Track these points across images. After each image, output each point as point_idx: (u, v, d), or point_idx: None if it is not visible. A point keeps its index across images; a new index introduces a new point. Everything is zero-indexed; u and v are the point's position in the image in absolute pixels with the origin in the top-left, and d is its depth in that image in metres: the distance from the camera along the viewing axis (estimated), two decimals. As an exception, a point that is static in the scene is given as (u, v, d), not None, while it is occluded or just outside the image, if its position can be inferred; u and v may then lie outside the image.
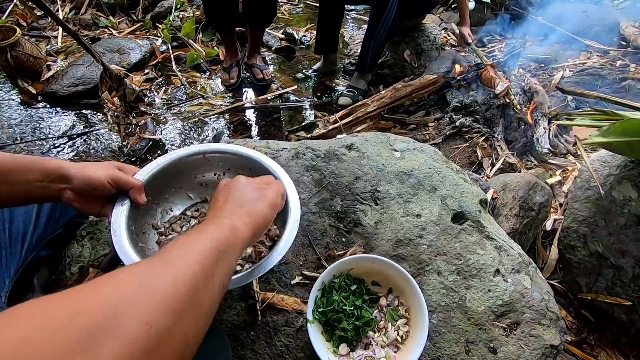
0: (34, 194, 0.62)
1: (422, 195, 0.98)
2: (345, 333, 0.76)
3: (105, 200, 0.68)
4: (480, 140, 1.82)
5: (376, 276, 0.84)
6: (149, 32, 2.57)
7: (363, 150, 1.06)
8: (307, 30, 2.83)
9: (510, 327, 0.81)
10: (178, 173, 0.82)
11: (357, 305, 0.79)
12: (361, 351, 0.76)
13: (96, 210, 0.68)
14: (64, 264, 0.95)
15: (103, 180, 0.64)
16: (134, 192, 0.68)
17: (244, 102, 2.15)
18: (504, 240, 0.92)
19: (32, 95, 2.03)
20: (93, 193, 0.65)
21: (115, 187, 0.66)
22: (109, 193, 0.67)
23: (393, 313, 0.81)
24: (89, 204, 0.66)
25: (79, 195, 0.64)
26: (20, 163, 0.60)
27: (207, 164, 0.84)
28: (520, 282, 0.85)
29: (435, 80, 2.02)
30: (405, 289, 0.81)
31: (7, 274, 0.71)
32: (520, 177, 1.33)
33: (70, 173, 0.62)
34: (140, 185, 0.69)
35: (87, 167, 0.64)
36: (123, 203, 0.68)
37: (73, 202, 0.64)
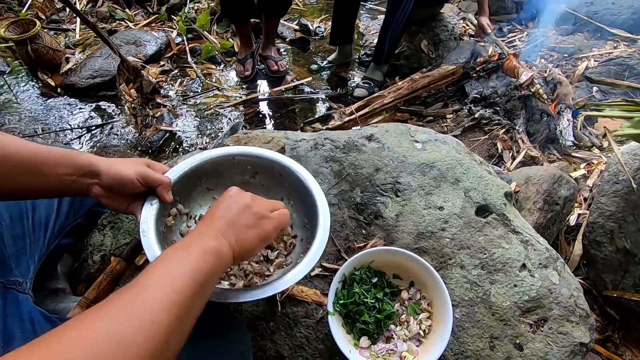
0: (63, 188, 0.61)
1: (444, 188, 0.95)
2: (366, 326, 0.75)
3: (133, 198, 0.68)
4: (500, 133, 1.77)
5: (397, 269, 0.83)
6: (164, 24, 2.57)
7: (383, 141, 1.04)
8: (321, 21, 2.79)
9: (537, 324, 0.79)
10: (205, 174, 0.81)
11: (379, 298, 0.78)
12: (383, 344, 0.75)
13: (123, 207, 0.67)
14: (86, 252, 0.96)
15: (132, 176, 0.64)
16: (161, 189, 0.68)
17: (258, 94, 2.14)
18: (530, 234, 0.89)
19: (52, 87, 2.06)
20: (121, 190, 0.64)
21: (143, 184, 0.66)
22: (137, 190, 0.66)
23: (415, 307, 0.79)
24: (117, 200, 0.66)
25: (108, 191, 0.64)
26: (52, 156, 0.60)
27: (236, 166, 0.82)
28: (548, 278, 0.82)
29: (454, 70, 1.97)
30: (428, 282, 0.79)
31: (32, 261, 0.72)
32: (544, 170, 1.29)
33: (100, 168, 0.62)
34: (168, 183, 0.68)
35: (116, 163, 0.64)
36: (152, 203, 0.68)
37: (101, 198, 0.64)
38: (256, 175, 0.84)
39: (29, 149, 0.58)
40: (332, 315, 0.75)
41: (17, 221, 0.73)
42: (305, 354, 0.78)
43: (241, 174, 0.83)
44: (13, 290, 0.63)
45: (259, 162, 0.82)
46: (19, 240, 0.71)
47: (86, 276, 0.95)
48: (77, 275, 0.96)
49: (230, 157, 0.81)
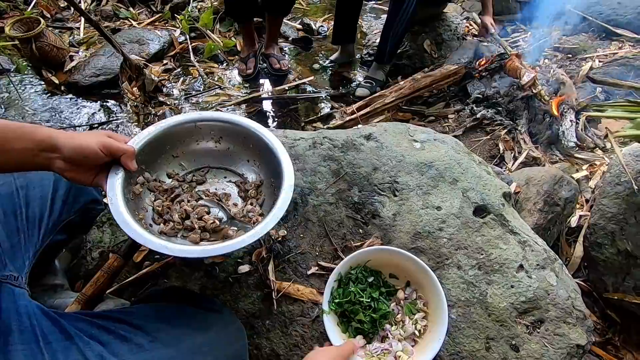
0: (24, 162, 0.61)
1: (442, 187, 0.95)
2: (361, 325, 0.75)
3: (98, 170, 0.68)
4: (502, 133, 1.76)
5: (394, 269, 0.82)
6: (167, 23, 2.58)
7: (382, 140, 1.04)
8: (324, 21, 2.79)
9: (533, 325, 0.78)
10: (170, 142, 0.82)
11: (374, 297, 0.78)
12: (378, 344, 0.75)
13: (89, 180, 0.67)
14: (85, 249, 0.97)
15: (94, 146, 0.64)
16: (125, 158, 0.68)
17: (260, 93, 2.14)
18: (528, 235, 0.89)
19: (56, 85, 2.08)
20: (85, 161, 0.64)
21: (107, 153, 0.66)
22: (101, 161, 0.66)
23: (411, 306, 0.79)
24: (81, 173, 0.65)
25: (71, 165, 0.63)
26: (8, 130, 0.59)
27: (199, 133, 0.84)
28: (545, 279, 0.82)
29: (457, 70, 1.96)
30: (424, 282, 0.79)
31: (27, 256, 0.72)
32: (545, 171, 1.28)
33: (60, 142, 0.61)
34: (132, 152, 0.69)
35: (77, 136, 0.64)
36: (117, 172, 0.69)
37: (64, 172, 0.63)
38: (221, 139, 0.85)
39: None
40: (327, 314, 0.75)
41: (11, 217, 0.73)
42: (300, 353, 0.78)
43: (206, 140, 0.85)
44: (8, 284, 0.63)
45: (222, 126, 0.83)
46: (13, 236, 0.72)
47: (84, 272, 0.95)
48: (75, 271, 0.97)
49: (193, 124, 0.82)
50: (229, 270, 0.87)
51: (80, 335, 0.59)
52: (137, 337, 0.61)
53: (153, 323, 0.65)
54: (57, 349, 0.56)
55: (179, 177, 0.84)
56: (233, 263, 0.88)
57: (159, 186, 0.80)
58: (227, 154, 0.86)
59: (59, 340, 0.58)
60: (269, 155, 0.80)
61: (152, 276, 0.92)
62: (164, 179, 0.83)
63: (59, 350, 0.56)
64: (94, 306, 0.81)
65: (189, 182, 0.84)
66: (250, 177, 0.86)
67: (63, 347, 0.57)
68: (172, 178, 0.84)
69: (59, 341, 0.58)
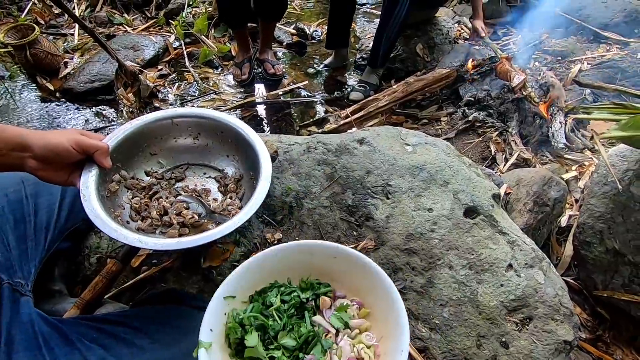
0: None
1: (434, 190, 0.97)
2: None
3: (71, 169, 0.67)
4: (493, 135, 1.80)
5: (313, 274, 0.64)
6: (162, 28, 2.60)
7: (374, 144, 1.06)
8: (318, 25, 2.82)
9: (522, 322, 0.80)
10: (147, 139, 0.82)
11: (281, 314, 0.57)
12: None
13: (63, 179, 0.67)
14: (83, 254, 0.98)
15: (66, 144, 0.63)
16: (99, 155, 0.67)
17: (255, 98, 2.16)
18: (517, 235, 0.91)
19: (51, 92, 2.09)
20: (57, 160, 0.64)
21: (79, 151, 0.65)
22: (74, 159, 0.66)
23: (340, 314, 0.58)
24: (54, 172, 0.65)
25: (43, 164, 0.63)
26: None
27: (176, 129, 0.84)
28: (534, 277, 0.84)
29: (448, 74, 1.99)
30: (363, 284, 0.59)
31: (33, 264, 0.73)
32: (535, 172, 1.31)
33: (31, 141, 0.60)
34: (105, 148, 0.68)
35: (49, 134, 0.63)
36: (91, 169, 0.69)
37: (37, 172, 0.63)
38: (199, 135, 0.86)
39: None
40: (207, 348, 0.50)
41: (20, 223, 0.75)
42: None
43: (184, 136, 0.85)
44: (17, 292, 0.65)
45: (200, 122, 0.84)
46: (22, 243, 0.73)
47: (83, 278, 0.96)
48: (73, 277, 0.98)
49: (169, 120, 0.82)
50: (226, 274, 0.88)
51: (81, 340, 0.60)
52: (138, 339, 0.62)
53: (152, 325, 0.66)
54: (60, 354, 0.58)
55: (158, 175, 0.84)
56: (230, 266, 0.89)
57: (136, 184, 0.80)
58: (206, 150, 0.87)
59: (61, 346, 0.59)
60: (247, 148, 0.80)
61: (150, 280, 0.93)
62: (142, 177, 0.83)
63: (61, 356, 0.57)
64: (93, 311, 0.82)
65: (168, 179, 0.84)
66: (230, 172, 0.86)
67: (65, 353, 0.58)
68: (150, 176, 0.83)
69: (61, 346, 0.59)
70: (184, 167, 0.87)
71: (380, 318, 0.58)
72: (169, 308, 0.73)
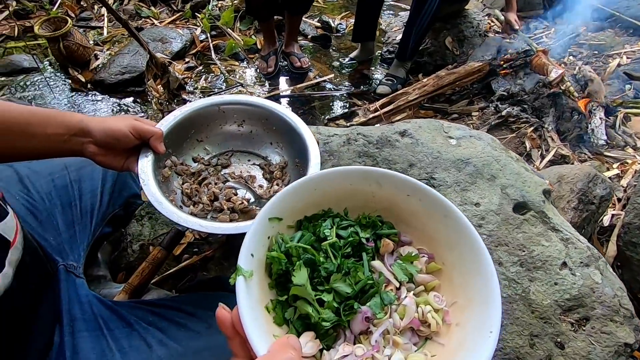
0: (54, 148, 0.61)
1: (480, 184, 0.94)
2: (314, 311, 0.41)
3: (127, 155, 0.69)
4: (528, 131, 1.74)
5: (384, 212, 0.51)
6: (188, 21, 2.61)
7: (417, 137, 1.03)
8: (342, 18, 2.79)
9: (578, 323, 0.77)
10: (195, 126, 0.82)
11: (343, 252, 0.46)
12: (347, 347, 0.40)
13: (120, 164, 0.68)
14: (126, 241, 1.00)
15: (124, 129, 0.64)
16: (154, 141, 0.68)
17: (281, 91, 2.15)
18: (570, 232, 0.88)
19: (82, 83, 2.12)
20: (116, 145, 0.65)
21: (136, 136, 0.66)
22: (131, 144, 0.67)
23: (405, 265, 0.46)
24: (112, 157, 0.66)
25: (102, 149, 0.64)
26: (38, 116, 0.59)
27: (223, 116, 0.84)
28: (590, 277, 0.81)
29: (481, 67, 1.94)
30: (441, 233, 0.46)
31: (82, 247, 0.74)
32: (579, 169, 1.26)
33: (92, 126, 0.62)
34: (160, 134, 0.69)
35: (108, 120, 0.65)
36: (147, 155, 0.69)
37: (96, 157, 0.64)
38: (244, 122, 0.86)
39: (13, 109, 0.57)
40: (246, 279, 0.39)
41: (67, 208, 0.76)
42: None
43: (229, 123, 0.85)
44: (72, 274, 0.65)
45: (245, 109, 0.84)
46: (70, 227, 0.74)
47: (126, 264, 0.98)
48: (117, 263, 0.99)
49: (216, 107, 0.82)
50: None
51: (139, 322, 0.60)
52: (192, 323, 0.62)
53: (203, 310, 0.66)
54: (120, 336, 0.58)
55: (204, 161, 0.84)
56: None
57: (185, 170, 0.80)
58: (250, 137, 0.87)
59: (120, 327, 0.59)
60: (293, 136, 0.79)
61: (192, 269, 0.93)
62: (190, 163, 0.84)
63: (122, 337, 0.58)
64: (139, 296, 0.83)
65: (214, 165, 0.84)
66: (274, 160, 0.86)
67: (125, 334, 0.58)
68: (197, 162, 0.84)
69: (120, 328, 0.59)
70: (229, 154, 0.86)
71: (456, 280, 0.45)
72: (218, 295, 0.73)
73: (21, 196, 0.71)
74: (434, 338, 0.43)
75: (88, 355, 0.55)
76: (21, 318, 0.50)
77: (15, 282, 0.46)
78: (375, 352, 0.40)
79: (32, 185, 0.74)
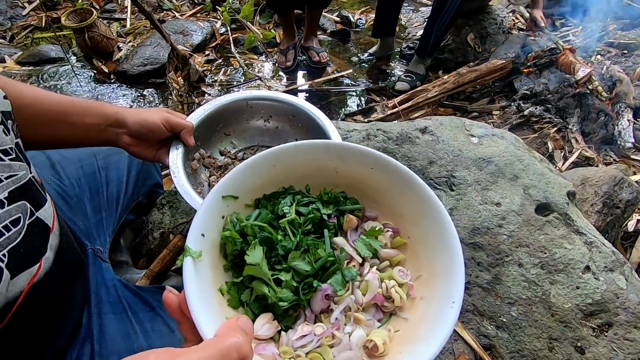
0: (91, 137, 0.64)
1: (502, 184, 0.93)
2: (271, 290, 0.40)
3: (159, 146, 0.71)
4: (551, 132, 1.70)
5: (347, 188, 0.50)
6: (209, 14, 2.63)
7: (438, 134, 1.02)
8: (362, 13, 2.76)
9: (600, 328, 0.76)
10: (223, 119, 0.83)
11: (295, 229, 0.44)
12: (306, 327, 0.39)
13: (151, 155, 0.70)
14: (147, 229, 1.02)
15: (158, 121, 0.66)
16: (185, 133, 0.70)
17: (299, 85, 2.16)
18: (594, 235, 0.86)
19: (106, 74, 2.17)
20: (149, 136, 0.67)
21: (168, 128, 0.68)
22: (163, 135, 0.69)
23: (369, 240, 0.45)
24: (145, 148, 0.69)
25: (136, 140, 0.66)
26: (78, 106, 0.62)
27: (250, 111, 0.85)
28: (614, 282, 0.79)
29: (504, 65, 1.90)
30: (404, 208, 0.45)
31: (108, 233, 0.77)
32: (604, 172, 1.22)
33: (126, 117, 0.64)
34: (190, 127, 0.71)
35: (142, 111, 0.67)
36: (177, 147, 0.71)
37: (130, 147, 0.66)
38: (270, 118, 0.86)
39: (52, 99, 0.60)
40: (194, 259, 0.37)
41: (95, 194, 0.78)
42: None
43: (256, 118, 0.86)
44: (99, 258, 0.68)
45: (272, 105, 0.84)
46: (97, 213, 0.76)
47: (146, 251, 1.00)
48: (138, 249, 1.02)
49: (244, 102, 0.83)
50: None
51: (161, 307, 0.62)
52: None
53: None
54: (144, 320, 0.60)
55: (231, 155, 0.86)
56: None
57: (213, 162, 0.81)
58: (276, 133, 0.87)
59: (144, 311, 0.61)
60: (319, 133, 0.79)
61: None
62: (217, 157, 0.85)
63: (146, 321, 0.60)
64: (160, 282, 0.85)
65: (240, 159, 0.85)
66: None
67: (149, 318, 0.60)
68: (224, 155, 0.85)
69: (144, 312, 0.61)
70: (254, 149, 0.87)
71: (421, 253, 0.44)
72: None
73: (53, 181, 0.74)
74: (399, 313, 0.42)
75: (114, 337, 0.57)
76: (57, 301, 0.52)
77: (54, 266, 0.48)
78: (335, 330, 0.39)
79: (62, 171, 0.76)
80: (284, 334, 0.39)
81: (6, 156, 0.44)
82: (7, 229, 0.42)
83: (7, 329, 0.43)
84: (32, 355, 0.50)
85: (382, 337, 0.39)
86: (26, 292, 0.44)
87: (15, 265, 0.42)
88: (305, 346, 0.38)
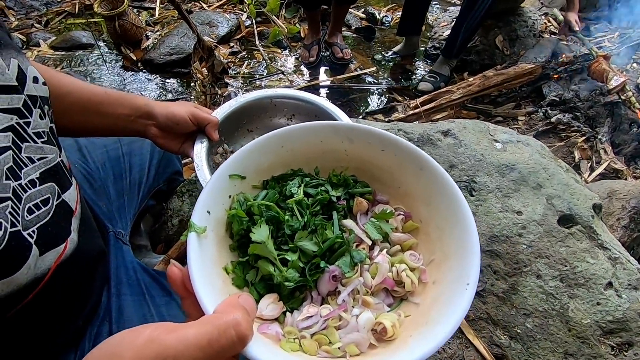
0: (121, 127, 0.67)
1: (524, 192, 0.90)
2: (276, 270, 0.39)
3: (184, 139, 0.73)
4: (579, 141, 1.64)
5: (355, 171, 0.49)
6: (235, 6, 2.66)
7: (460, 137, 1.00)
8: (388, 11, 2.72)
9: (620, 347, 0.73)
10: (246, 116, 0.84)
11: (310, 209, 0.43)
12: (312, 308, 0.38)
13: (176, 148, 0.72)
14: (166, 215, 1.05)
15: (185, 115, 0.68)
16: (210, 128, 0.72)
17: (321, 80, 2.15)
18: (620, 251, 0.83)
19: (133, 62, 2.22)
20: (175, 129, 0.69)
21: (194, 122, 0.70)
22: (189, 129, 0.71)
23: (379, 223, 0.44)
24: (171, 140, 0.71)
25: (163, 132, 0.69)
26: (111, 97, 0.65)
27: (274, 109, 0.86)
28: (638, 300, 0.76)
29: (532, 70, 1.84)
30: (417, 188, 0.44)
31: (129, 217, 0.79)
32: (633, 185, 1.18)
33: (155, 110, 0.67)
34: (215, 122, 0.73)
35: (169, 105, 0.69)
36: (202, 141, 0.73)
37: (157, 139, 0.69)
38: (293, 117, 0.87)
39: (87, 89, 0.63)
40: (198, 234, 0.37)
41: (119, 179, 0.81)
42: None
43: (279, 116, 0.87)
44: (120, 240, 0.70)
45: (297, 104, 0.85)
46: (120, 197, 0.79)
47: (165, 237, 1.03)
48: (156, 235, 1.04)
49: (268, 100, 0.84)
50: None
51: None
52: None
53: None
54: (160, 304, 0.62)
55: None
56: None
57: None
58: None
59: (161, 296, 0.63)
60: None
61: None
62: None
63: (162, 305, 0.61)
64: (177, 269, 0.87)
65: None
66: None
67: (165, 302, 0.62)
68: None
69: (161, 296, 0.63)
70: None
71: (433, 235, 0.42)
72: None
73: (79, 164, 0.76)
74: (410, 298, 0.40)
75: (131, 318, 0.59)
76: (80, 280, 0.55)
77: (79, 247, 0.50)
78: (342, 312, 0.37)
79: (89, 154, 0.79)
80: (289, 314, 0.38)
81: (39, 139, 0.46)
82: (37, 207, 0.44)
83: (33, 303, 0.45)
84: (53, 331, 0.52)
85: (392, 320, 0.37)
86: (53, 269, 0.46)
87: (44, 242, 0.44)
88: (310, 327, 0.37)
